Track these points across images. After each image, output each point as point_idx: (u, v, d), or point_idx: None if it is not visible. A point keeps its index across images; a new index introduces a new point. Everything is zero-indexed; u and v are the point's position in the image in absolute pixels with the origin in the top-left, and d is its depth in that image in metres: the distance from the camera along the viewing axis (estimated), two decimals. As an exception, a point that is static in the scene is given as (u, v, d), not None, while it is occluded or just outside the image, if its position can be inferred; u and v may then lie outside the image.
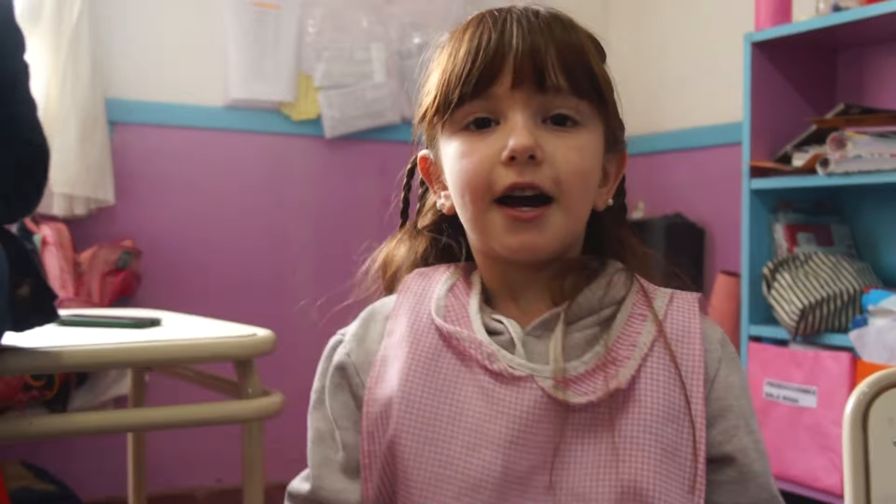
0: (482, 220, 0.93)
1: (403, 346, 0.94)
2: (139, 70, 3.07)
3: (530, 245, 0.92)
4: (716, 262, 3.30)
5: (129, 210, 3.03)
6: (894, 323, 2.31)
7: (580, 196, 0.94)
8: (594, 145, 0.95)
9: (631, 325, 0.94)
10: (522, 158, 0.90)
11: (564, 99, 0.92)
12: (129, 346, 1.48)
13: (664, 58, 3.57)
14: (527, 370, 0.91)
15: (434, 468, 0.88)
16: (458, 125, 0.94)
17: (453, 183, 0.96)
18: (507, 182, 0.90)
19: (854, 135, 2.45)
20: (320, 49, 3.30)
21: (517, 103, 0.91)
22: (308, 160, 3.32)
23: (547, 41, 0.92)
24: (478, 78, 0.91)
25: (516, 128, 0.90)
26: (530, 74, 0.91)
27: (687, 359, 0.93)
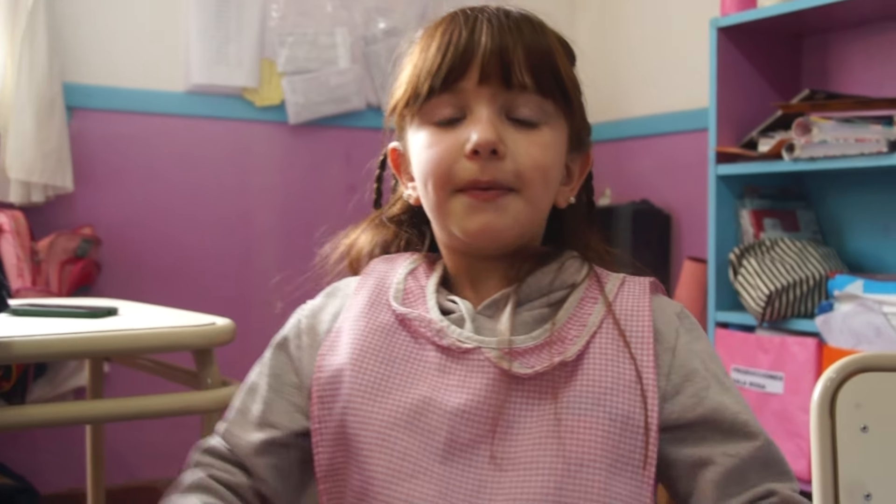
0: (444, 207, 0.96)
1: (360, 321, 0.98)
2: (98, 54, 3.01)
3: (490, 227, 0.94)
4: (682, 249, 3.30)
5: (89, 197, 2.98)
6: (860, 308, 2.31)
7: (541, 189, 0.96)
8: (557, 143, 0.98)
9: (582, 307, 0.97)
10: (485, 153, 0.93)
11: (529, 97, 0.95)
12: (82, 336, 1.43)
13: (630, 44, 3.55)
14: (475, 342, 0.94)
15: (382, 430, 0.91)
16: (426, 118, 0.98)
17: (418, 172, 0.99)
18: (469, 177, 0.94)
19: (819, 120, 2.44)
20: (284, 34, 3.26)
21: (483, 98, 0.95)
22: (271, 147, 3.28)
23: (515, 41, 0.95)
24: (447, 72, 0.95)
25: (481, 122, 0.94)
26: (497, 72, 0.94)
27: (636, 334, 0.95)
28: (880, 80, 2.70)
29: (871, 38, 2.73)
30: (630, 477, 0.89)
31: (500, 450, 0.89)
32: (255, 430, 0.98)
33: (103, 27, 3.02)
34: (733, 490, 0.92)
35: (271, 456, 0.97)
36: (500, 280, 0.99)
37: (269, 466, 0.97)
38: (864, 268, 2.72)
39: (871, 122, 2.36)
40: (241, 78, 3.19)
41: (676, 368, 0.94)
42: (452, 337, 0.95)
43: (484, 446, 0.90)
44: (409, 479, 0.89)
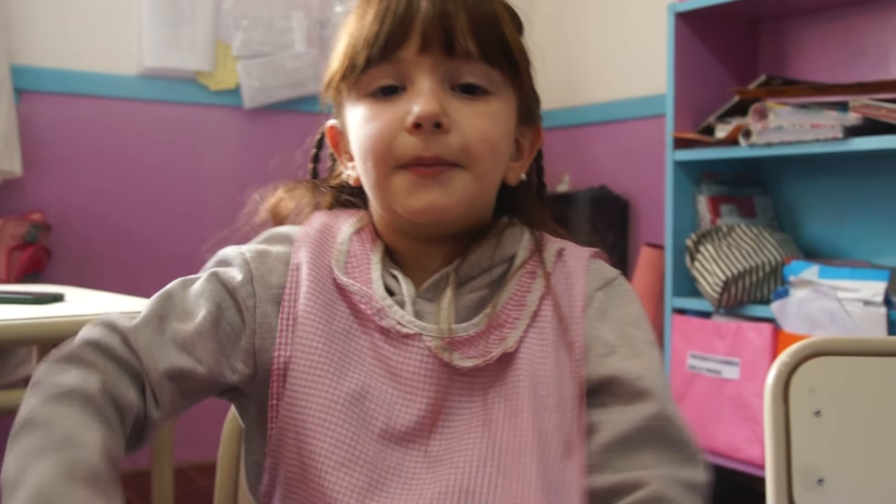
0: (385, 184, 0.90)
1: (304, 285, 0.91)
2: (48, 35, 2.95)
3: (435, 205, 0.88)
4: (640, 235, 3.30)
5: (38, 182, 2.93)
6: (815, 294, 2.32)
7: (490, 163, 0.91)
8: (506, 114, 0.93)
9: (521, 283, 0.93)
10: (428, 126, 0.87)
11: (474, 66, 0.89)
12: (25, 322, 1.40)
13: (588, 29, 3.55)
14: (415, 328, 0.89)
15: (320, 414, 0.86)
16: (364, 91, 0.91)
17: (357, 148, 0.93)
18: (411, 153, 0.87)
19: (776, 106, 2.45)
20: (238, 17, 3.21)
21: (424, 68, 0.89)
22: (226, 131, 3.24)
23: (458, 6, 0.89)
24: (385, 41, 0.89)
25: (422, 93, 0.88)
26: (439, 39, 0.88)
27: (572, 310, 0.91)
28: (836, 67, 2.71)
29: (828, 24, 2.74)
30: (564, 464, 0.86)
31: (435, 444, 0.86)
32: (175, 350, 0.87)
33: (53, 7, 2.96)
34: (616, 462, 0.85)
35: (179, 386, 0.87)
36: (443, 260, 0.94)
37: (173, 397, 0.87)
38: (819, 254, 2.73)
39: (826, 107, 2.37)
40: (195, 61, 3.15)
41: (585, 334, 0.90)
42: (393, 319, 0.90)
43: (420, 439, 0.87)
44: (342, 467, 0.85)
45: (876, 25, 2.63)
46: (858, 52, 2.67)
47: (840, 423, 1.06)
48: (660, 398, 0.86)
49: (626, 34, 3.39)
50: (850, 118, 2.30)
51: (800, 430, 1.07)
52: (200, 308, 0.90)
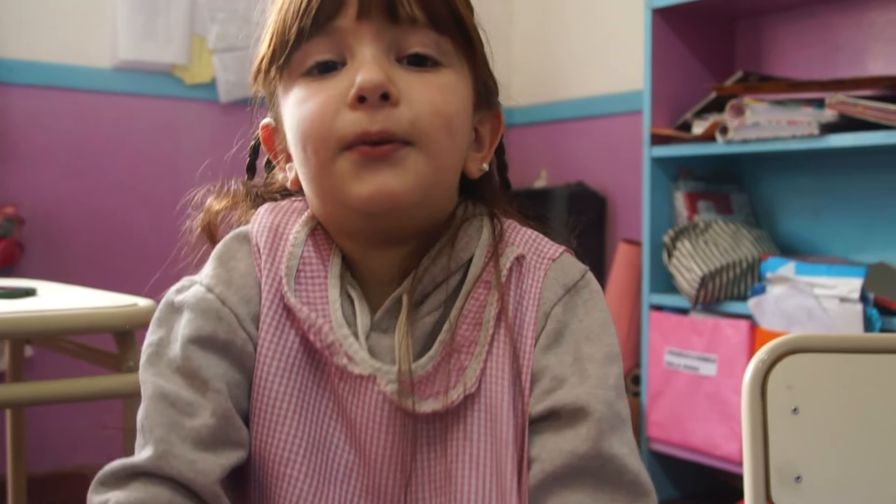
0: (327, 171, 0.79)
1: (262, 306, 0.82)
2: (20, 27, 2.92)
3: (388, 189, 0.77)
4: (618, 231, 3.30)
5: (11, 175, 2.89)
6: (791, 290, 2.33)
7: (445, 141, 0.80)
8: (460, 88, 0.82)
9: (477, 297, 0.83)
10: (373, 98, 0.76)
11: (422, 33, 0.80)
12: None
13: (566, 25, 3.54)
14: (369, 368, 0.79)
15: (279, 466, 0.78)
16: (297, 71, 0.81)
17: (293, 136, 0.82)
18: (356, 129, 0.77)
19: (752, 102, 2.45)
20: (214, 10, 3.18)
21: (365, 36, 0.79)
22: (202, 125, 3.21)
23: None
24: (317, 8, 0.78)
25: (364, 63, 0.78)
26: (379, 3, 0.78)
27: (524, 333, 0.82)
28: (812, 63, 2.72)
29: (804, 21, 2.75)
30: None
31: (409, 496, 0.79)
32: (198, 452, 0.75)
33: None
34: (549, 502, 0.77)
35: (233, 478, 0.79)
36: (399, 269, 0.84)
37: (231, 490, 0.79)
38: (796, 250, 2.74)
39: (802, 104, 2.38)
40: (171, 54, 3.11)
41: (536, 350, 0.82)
42: (345, 356, 0.79)
43: (388, 491, 0.79)
44: None
45: (851, 22, 2.64)
46: (834, 48, 2.68)
47: (817, 420, 1.06)
48: (597, 426, 0.77)
49: (603, 30, 3.38)
50: (826, 115, 2.31)
51: (777, 427, 1.06)
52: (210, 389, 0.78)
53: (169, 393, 0.77)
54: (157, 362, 0.80)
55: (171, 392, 0.77)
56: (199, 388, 0.77)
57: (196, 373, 0.78)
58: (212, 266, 0.85)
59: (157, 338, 0.81)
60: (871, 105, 2.21)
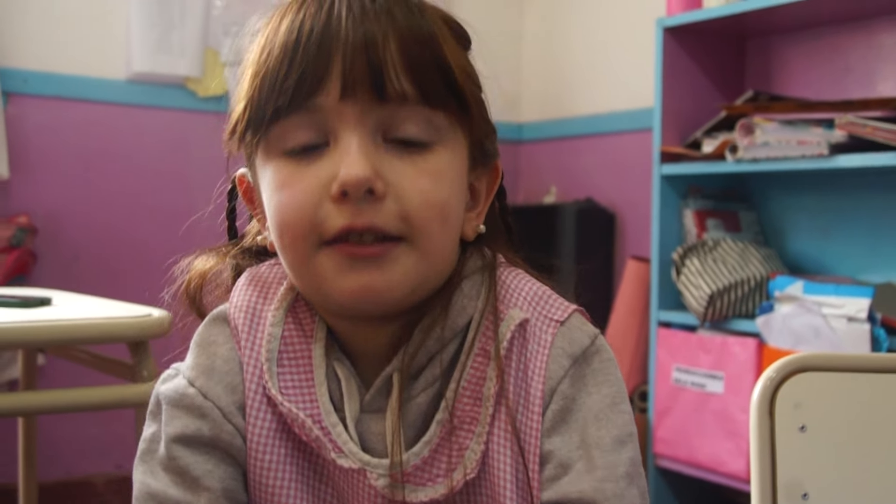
0: (308, 265, 0.74)
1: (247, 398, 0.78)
2: (36, 38, 2.94)
3: (372, 287, 0.72)
4: (626, 248, 3.31)
5: (25, 185, 2.91)
6: (799, 309, 2.33)
7: (439, 233, 0.74)
8: (455, 167, 0.76)
9: (476, 368, 0.77)
10: (357, 194, 0.70)
11: (412, 111, 0.73)
12: (12, 325, 1.39)
13: (576, 42, 3.56)
14: (358, 462, 0.74)
15: None
16: (277, 148, 0.74)
17: (271, 220, 0.76)
18: (338, 225, 0.71)
19: (762, 121, 2.46)
20: (228, 23, 3.21)
21: (348, 119, 0.72)
22: (214, 138, 3.16)
23: (385, 30, 0.72)
24: (296, 84, 0.71)
25: (348, 153, 0.71)
26: (364, 78, 0.71)
27: (531, 410, 0.77)
28: (822, 84, 2.73)
29: (814, 41, 2.76)
30: None
31: None
32: None
33: (41, 10, 2.95)
34: None
35: None
36: (390, 342, 0.78)
37: None
38: (804, 269, 2.75)
39: (812, 124, 2.39)
40: (184, 67, 3.14)
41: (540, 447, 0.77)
42: (332, 453, 0.75)
43: None
44: None
45: (861, 43, 2.65)
46: (844, 69, 2.69)
47: (825, 439, 1.07)
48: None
49: (613, 48, 3.40)
50: (835, 135, 2.32)
51: (785, 444, 1.07)
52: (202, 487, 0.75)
53: (157, 493, 0.74)
54: (149, 459, 0.77)
55: (158, 492, 0.74)
56: (189, 485, 0.75)
57: (185, 471, 0.75)
58: (193, 355, 0.80)
59: (150, 433, 0.78)
60: (880, 126, 2.22)
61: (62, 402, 1.54)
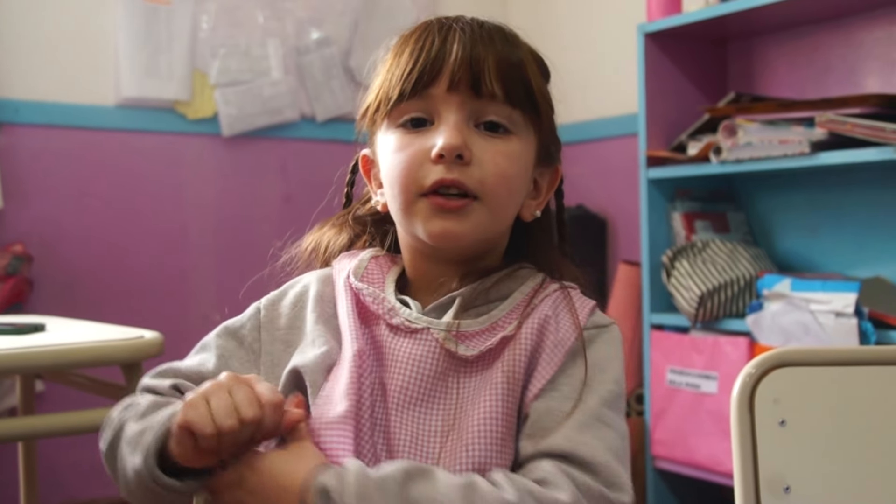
0: (409, 209, 0.98)
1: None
2: (25, 68, 2.97)
3: (451, 232, 0.97)
4: (618, 252, 3.33)
5: (19, 213, 2.94)
6: (788, 306, 2.35)
7: (505, 199, 0.99)
8: (524, 154, 1.00)
9: (517, 305, 1.01)
10: (450, 157, 0.95)
11: (498, 106, 0.98)
12: (4, 352, 1.42)
13: (561, 51, 3.58)
14: (423, 323, 0.98)
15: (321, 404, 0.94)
16: (395, 121, 1.00)
17: (386, 175, 1.01)
18: (434, 178, 0.96)
19: (745, 122, 2.49)
20: (215, 45, 3.24)
21: (452, 105, 0.97)
22: (205, 159, 3.26)
23: (487, 51, 0.98)
24: (417, 77, 0.97)
25: (447, 127, 0.96)
26: (466, 79, 0.96)
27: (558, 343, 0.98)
28: (803, 83, 2.76)
29: (794, 41, 2.79)
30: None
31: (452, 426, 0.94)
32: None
33: (30, 40, 2.98)
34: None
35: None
36: (454, 286, 1.01)
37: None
38: (794, 267, 2.77)
39: (793, 123, 2.41)
40: (173, 90, 3.17)
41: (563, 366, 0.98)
42: (402, 317, 0.99)
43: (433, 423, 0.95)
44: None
45: (840, 42, 2.68)
46: (824, 68, 2.72)
47: (805, 432, 1.09)
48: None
49: (598, 55, 3.43)
50: (816, 133, 2.34)
51: (765, 439, 1.09)
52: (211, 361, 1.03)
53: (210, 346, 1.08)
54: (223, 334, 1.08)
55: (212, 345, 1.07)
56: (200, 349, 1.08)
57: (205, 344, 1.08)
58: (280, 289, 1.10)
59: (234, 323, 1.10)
60: (859, 123, 2.24)
61: (57, 426, 1.56)
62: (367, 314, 1.01)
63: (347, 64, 3.44)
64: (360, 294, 1.01)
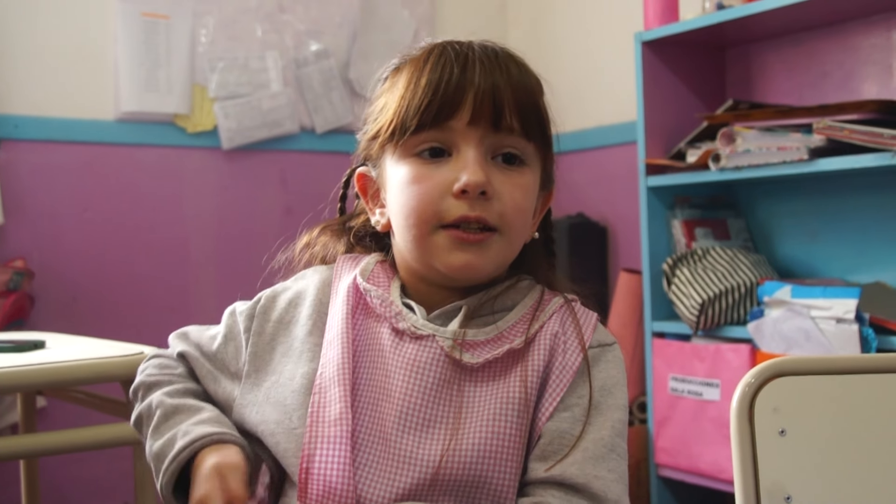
0: (426, 241, 0.99)
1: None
2: (25, 84, 2.98)
3: (472, 265, 0.98)
4: (618, 260, 3.33)
5: (20, 229, 2.94)
6: (789, 313, 2.35)
7: (520, 229, 1.01)
8: (534, 185, 1.03)
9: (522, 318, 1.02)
10: (474, 194, 0.96)
11: (516, 140, 0.99)
12: (3, 370, 1.42)
13: (560, 60, 3.59)
14: (430, 330, 0.99)
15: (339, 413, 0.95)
16: (409, 151, 1.00)
17: (400, 206, 1.01)
18: (457, 213, 0.97)
19: (743, 129, 2.49)
20: (214, 59, 3.24)
21: (472, 139, 0.98)
22: (205, 173, 3.26)
23: (506, 84, 0.98)
24: (437, 110, 0.97)
25: (469, 164, 0.97)
26: (488, 114, 0.97)
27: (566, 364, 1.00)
28: (802, 90, 2.76)
29: (791, 48, 2.79)
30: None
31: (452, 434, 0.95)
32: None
33: (29, 56, 2.99)
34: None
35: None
36: (457, 294, 1.04)
37: None
38: (794, 273, 2.76)
39: (791, 130, 2.41)
40: (172, 104, 3.17)
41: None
42: (409, 322, 0.99)
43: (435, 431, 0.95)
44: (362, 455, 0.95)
45: (838, 48, 2.68)
46: (822, 74, 2.72)
47: (805, 441, 1.09)
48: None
49: (596, 63, 3.43)
50: (814, 140, 2.34)
51: (765, 449, 1.09)
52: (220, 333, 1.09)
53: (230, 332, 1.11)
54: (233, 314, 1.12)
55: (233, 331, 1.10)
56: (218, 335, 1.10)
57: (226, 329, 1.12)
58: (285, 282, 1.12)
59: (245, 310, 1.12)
60: (857, 129, 2.24)
61: (59, 444, 1.56)
62: (370, 316, 1.02)
63: (346, 75, 3.44)
64: (368, 295, 1.02)
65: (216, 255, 3.25)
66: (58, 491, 2.84)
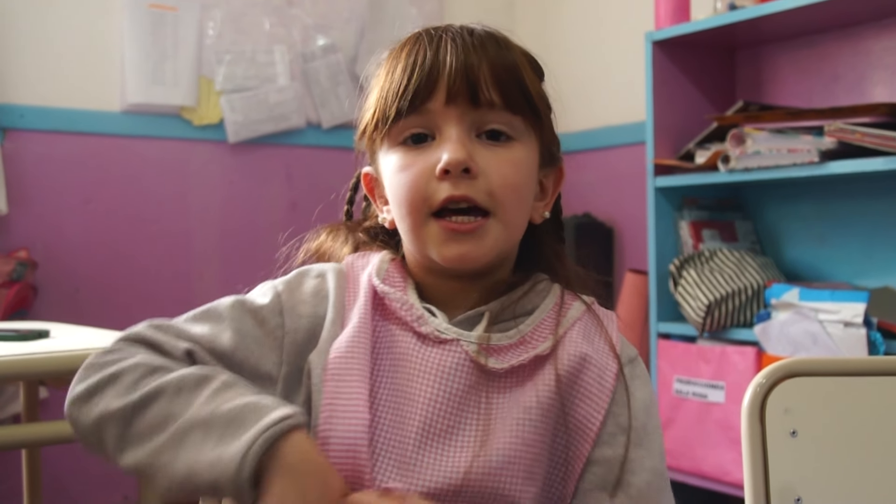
0: (420, 231, 0.96)
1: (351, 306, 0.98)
2: (31, 74, 2.97)
3: (468, 256, 0.95)
4: (625, 261, 3.32)
5: (23, 219, 2.93)
6: (796, 316, 2.34)
7: (516, 208, 0.97)
8: (529, 159, 0.98)
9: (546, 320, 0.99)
10: (456, 172, 0.93)
11: (498, 114, 0.95)
12: (7, 359, 1.41)
13: (569, 59, 3.58)
14: (454, 334, 0.95)
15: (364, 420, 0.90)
16: (395, 140, 0.98)
17: (392, 196, 0.99)
18: (442, 195, 0.93)
19: (753, 131, 2.48)
20: (221, 52, 3.24)
21: (451, 118, 0.95)
22: (211, 166, 3.26)
23: (480, 59, 0.95)
24: (413, 94, 0.95)
25: (450, 142, 0.94)
26: (464, 90, 0.94)
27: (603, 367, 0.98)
28: (812, 92, 2.75)
29: (803, 50, 2.78)
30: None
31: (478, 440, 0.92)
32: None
33: (36, 46, 2.98)
34: None
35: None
36: (473, 299, 0.99)
37: None
38: (802, 276, 2.75)
39: (802, 132, 2.40)
40: (179, 97, 3.17)
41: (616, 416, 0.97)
42: (432, 326, 0.96)
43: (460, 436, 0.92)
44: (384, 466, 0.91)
45: (849, 51, 2.67)
46: (833, 77, 2.71)
47: (815, 443, 1.07)
48: None
49: (605, 63, 3.42)
50: (825, 142, 2.33)
51: (776, 450, 1.08)
52: (226, 333, 0.95)
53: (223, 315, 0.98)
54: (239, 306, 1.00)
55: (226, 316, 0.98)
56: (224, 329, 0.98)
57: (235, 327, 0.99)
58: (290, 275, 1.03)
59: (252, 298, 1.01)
60: (869, 132, 2.23)
61: (62, 434, 1.55)
62: (388, 318, 0.97)
63: (353, 70, 3.44)
64: (386, 298, 0.98)
65: (220, 248, 3.24)
66: (59, 483, 2.84)
